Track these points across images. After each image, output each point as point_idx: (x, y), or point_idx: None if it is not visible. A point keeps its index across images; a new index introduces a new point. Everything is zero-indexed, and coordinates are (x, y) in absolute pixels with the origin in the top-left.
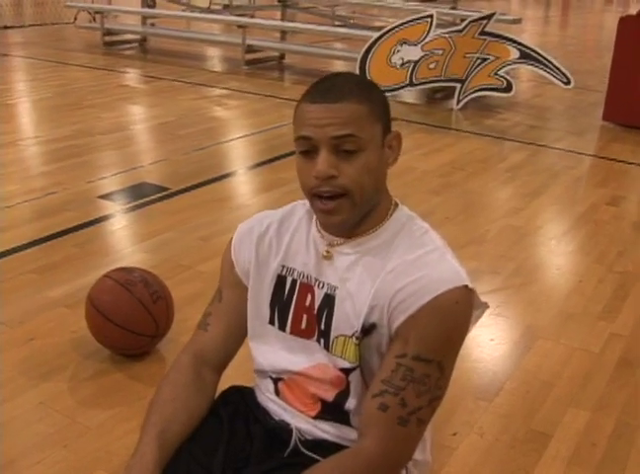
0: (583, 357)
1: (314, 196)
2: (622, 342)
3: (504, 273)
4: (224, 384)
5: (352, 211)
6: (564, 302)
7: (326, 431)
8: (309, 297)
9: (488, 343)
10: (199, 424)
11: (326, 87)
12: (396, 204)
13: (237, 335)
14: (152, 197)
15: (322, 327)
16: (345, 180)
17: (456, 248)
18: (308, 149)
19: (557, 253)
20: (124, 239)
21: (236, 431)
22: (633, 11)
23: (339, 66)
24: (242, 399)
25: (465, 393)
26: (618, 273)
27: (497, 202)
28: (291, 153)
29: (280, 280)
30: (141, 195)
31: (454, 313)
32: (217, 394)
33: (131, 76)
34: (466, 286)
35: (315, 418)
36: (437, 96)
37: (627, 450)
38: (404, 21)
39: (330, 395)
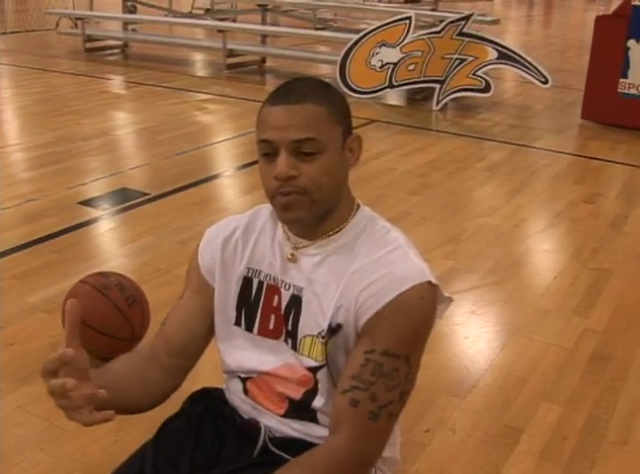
0: (556, 353)
1: (275, 196)
2: (596, 337)
3: (480, 271)
4: (199, 385)
5: (310, 209)
6: (539, 299)
7: (295, 428)
8: (276, 298)
9: (462, 340)
10: (166, 422)
11: (286, 90)
12: (358, 205)
13: (194, 331)
14: (133, 202)
15: (289, 327)
16: (304, 180)
17: (433, 247)
18: (269, 152)
19: (533, 251)
20: (104, 244)
21: (205, 430)
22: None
23: (320, 69)
24: (211, 399)
25: (439, 390)
26: (593, 269)
27: (474, 202)
28: None
29: (247, 282)
30: (122, 200)
31: (420, 308)
32: (187, 396)
33: (113, 82)
34: (430, 282)
35: (283, 416)
36: (417, 97)
37: (597, 444)
38: (383, 23)
39: (297, 394)
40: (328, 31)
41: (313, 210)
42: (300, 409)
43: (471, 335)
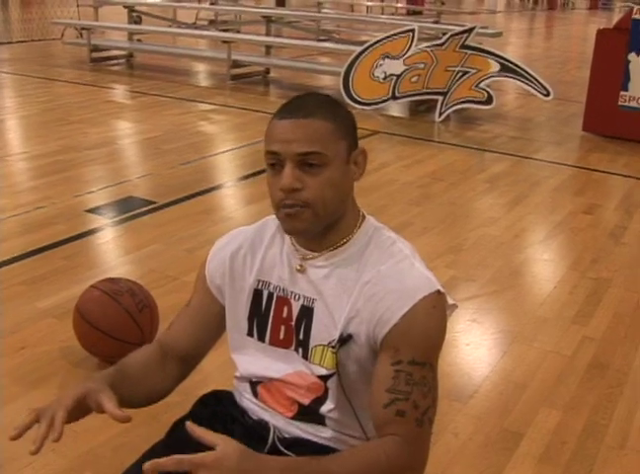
0: (555, 360)
1: (280, 208)
2: (594, 345)
3: (480, 280)
4: (209, 388)
5: (314, 221)
6: (538, 307)
7: (303, 429)
8: (286, 309)
9: (464, 347)
10: (172, 425)
11: (294, 105)
12: (363, 216)
13: (196, 336)
14: (139, 211)
15: (301, 337)
16: (308, 193)
17: (434, 257)
18: (275, 164)
19: (533, 260)
20: (112, 251)
21: (214, 430)
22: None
23: (324, 80)
24: (220, 401)
25: (441, 396)
26: (592, 279)
27: (475, 212)
28: None
29: (257, 294)
30: (128, 208)
31: (434, 317)
32: (197, 399)
33: (118, 92)
34: (438, 291)
35: (292, 418)
36: (419, 108)
37: (596, 449)
38: (386, 35)
39: (307, 400)
40: (331, 42)
41: (316, 223)
42: (309, 413)
43: (472, 342)
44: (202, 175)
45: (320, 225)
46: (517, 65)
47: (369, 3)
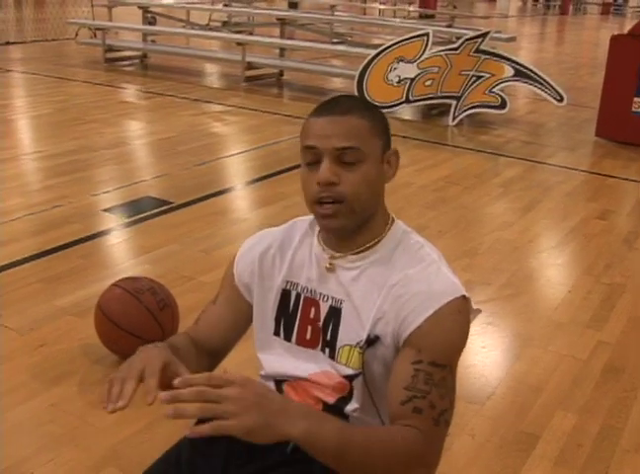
0: (570, 364)
1: (316, 203)
2: (609, 349)
3: (495, 284)
4: None
5: (349, 218)
6: (553, 312)
7: None
8: (313, 310)
9: (480, 350)
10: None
11: (331, 104)
12: (393, 220)
13: (222, 333)
14: (155, 211)
15: (328, 338)
16: (344, 188)
17: (450, 260)
18: (312, 160)
19: (547, 265)
20: (128, 251)
21: None
22: (627, 28)
23: (337, 83)
24: None
25: (458, 397)
26: (606, 284)
27: (490, 216)
28: (290, 169)
29: (285, 295)
30: (144, 208)
31: (457, 322)
32: None
33: (132, 92)
34: (464, 296)
35: None
36: (432, 112)
37: (611, 452)
38: (401, 39)
39: (332, 399)
40: (344, 45)
41: (352, 219)
42: (333, 412)
43: (488, 345)
44: (217, 176)
45: (355, 222)
46: (531, 70)
47: (382, 6)
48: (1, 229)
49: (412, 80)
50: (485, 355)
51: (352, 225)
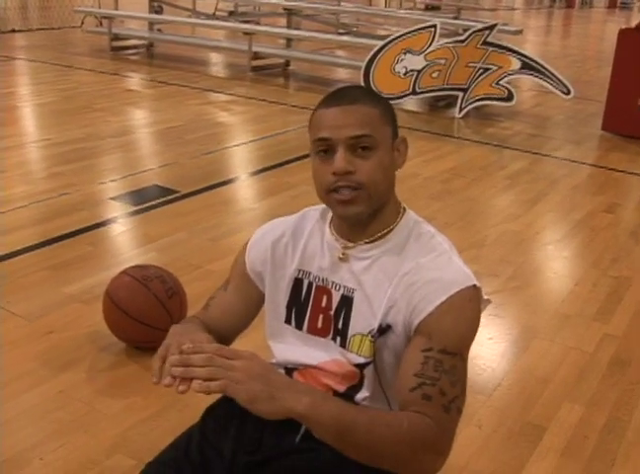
0: (577, 356)
1: (331, 192)
2: (615, 342)
3: (502, 276)
4: None
5: (367, 204)
6: (560, 304)
7: None
8: (325, 299)
9: (487, 341)
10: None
11: (339, 94)
12: (404, 209)
13: (232, 320)
14: (162, 200)
15: (339, 326)
16: (361, 176)
17: (457, 251)
18: (325, 150)
19: (554, 257)
20: (136, 239)
21: (248, 415)
22: (634, 22)
23: (343, 74)
24: None
25: None
26: (613, 277)
27: (496, 209)
28: (296, 159)
29: (297, 283)
30: (152, 197)
31: (468, 310)
32: None
33: (138, 81)
34: (475, 286)
35: None
36: (439, 104)
37: (617, 444)
38: (408, 30)
39: (342, 387)
40: (351, 36)
41: (369, 205)
42: (344, 400)
43: (494, 336)
44: (224, 165)
45: (371, 209)
46: (538, 63)
47: None
48: (8, 216)
49: (419, 72)
50: (492, 346)
51: (367, 212)
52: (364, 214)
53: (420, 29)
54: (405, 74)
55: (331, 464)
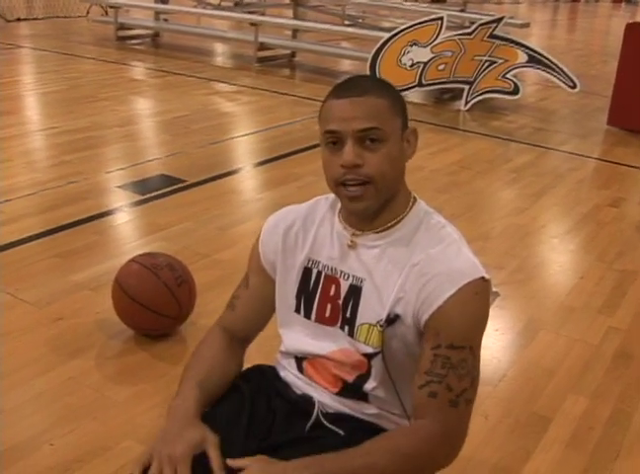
0: (582, 349)
1: (340, 185)
2: (620, 335)
3: (508, 268)
4: (247, 364)
5: (375, 198)
6: (565, 297)
7: (347, 405)
8: (333, 288)
9: (493, 332)
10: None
11: (349, 85)
12: (415, 199)
13: (259, 317)
14: (170, 189)
15: (347, 315)
16: (369, 169)
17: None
18: (334, 141)
19: (559, 251)
20: (143, 228)
21: (258, 405)
22: None
23: (349, 65)
24: (263, 376)
25: None
26: (618, 271)
27: (502, 202)
28: (303, 150)
29: (307, 272)
30: (159, 186)
31: (476, 303)
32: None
33: (144, 70)
34: (483, 278)
35: (337, 394)
36: (445, 97)
37: (622, 435)
38: (414, 22)
39: (350, 377)
40: (357, 27)
41: (378, 199)
42: (353, 390)
43: (500, 328)
44: (230, 155)
45: (380, 201)
46: (544, 56)
47: None
48: (16, 204)
49: (425, 64)
50: (498, 337)
51: (376, 205)
52: (372, 208)
53: (426, 21)
54: (411, 66)
55: None
